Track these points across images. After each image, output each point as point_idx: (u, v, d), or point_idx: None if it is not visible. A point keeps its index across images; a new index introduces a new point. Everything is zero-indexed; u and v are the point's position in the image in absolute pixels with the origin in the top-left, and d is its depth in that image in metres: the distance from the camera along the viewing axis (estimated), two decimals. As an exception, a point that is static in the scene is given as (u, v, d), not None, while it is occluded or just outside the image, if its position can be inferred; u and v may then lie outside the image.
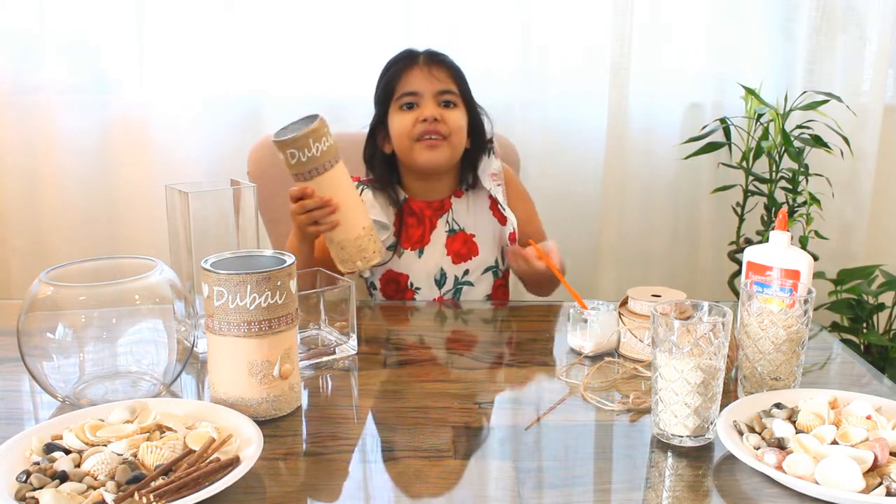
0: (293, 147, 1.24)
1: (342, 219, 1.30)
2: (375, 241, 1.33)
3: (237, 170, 1.89)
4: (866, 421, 0.87)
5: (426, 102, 1.47)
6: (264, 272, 0.91)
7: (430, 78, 1.48)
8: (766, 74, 2.11)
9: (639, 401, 1.00)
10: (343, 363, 1.15)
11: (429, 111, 1.46)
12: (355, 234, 1.30)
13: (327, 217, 1.29)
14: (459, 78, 1.52)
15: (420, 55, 1.51)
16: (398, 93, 1.49)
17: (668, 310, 0.92)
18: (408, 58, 1.51)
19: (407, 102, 1.48)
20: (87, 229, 2.12)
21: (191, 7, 2.00)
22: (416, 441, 0.91)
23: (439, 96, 1.48)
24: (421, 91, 1.48)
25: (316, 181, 1.27)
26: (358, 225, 1.31)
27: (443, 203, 1.55)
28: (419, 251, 1.53)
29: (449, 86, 1.49)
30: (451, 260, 1.53)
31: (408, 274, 1.53)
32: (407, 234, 1.54)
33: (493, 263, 1.56)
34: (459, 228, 1.54)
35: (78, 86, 2.05)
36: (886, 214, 2.26)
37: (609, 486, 0.82)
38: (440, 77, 1.49)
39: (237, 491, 0.79)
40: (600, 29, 2.09)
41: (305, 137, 1.23)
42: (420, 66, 1.49)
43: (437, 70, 1.49)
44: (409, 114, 1.48)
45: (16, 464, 0.80)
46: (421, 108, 1.47)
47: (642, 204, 2.22)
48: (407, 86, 1.48)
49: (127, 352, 0.99)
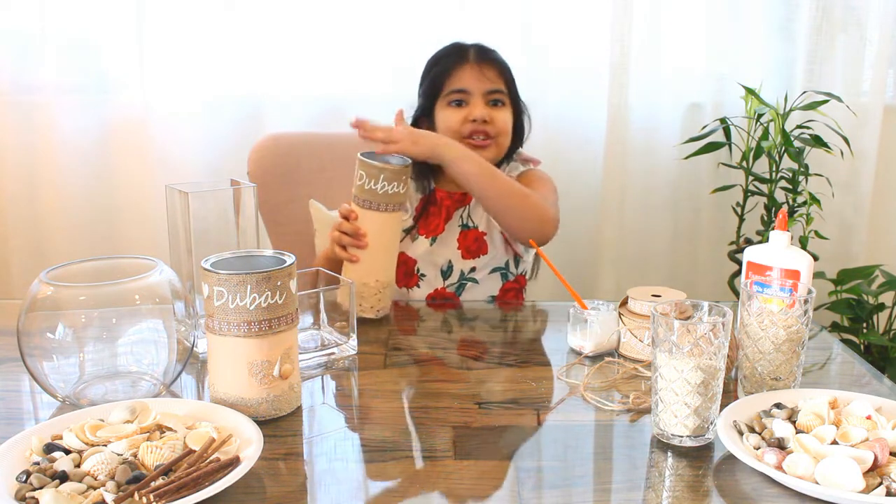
0: (365, 170, 1.28)
1: (364, 259, 1.31)
2: (379, 300, 1.32)
3: (237, 170, 1.90)
4: (866, 421, 0.87)
5: (476, 101, 1.48)
6: (264, 272, 0.91)
7: (480, 77, 1.48)
8: (766, 74, 2.11)
9: (639, 401, 1.00)
10: (343, 363, 1.15)
11: (478, 112, 1.46)
12: (364, 280, 1.30)
13: (352, 248, 1.31)
14: (508, 76, 1.52)
15: (470, 51, 1.50)
16: (447, 88, 1.49)
17: (668, 310, 0.92)
18: (458, 53, 1.50)
19: (456, 100, 1.48)
20: (87, 229, 2.12)
21: (191, 7, 2.00)
22: (416, 441, 0.91)
23: (489, 95, 1.49)
24: (471, 89, 1.48)
25: (366, 213, 1.30)
26: (373, 275, 1.31)
27: (464, 196, 1.55)
28: (432, 239, 1.54)
29: (499, 85, 1.50)
30: (461, 254, 1.53)
31: (416, 259, 1.54)
32: (426, 220, 1.54)
33: (503, 266, 1.56)
34: (473, 225, 1.54)
35: (78, 86, 2.06)
36: (886, 214, 2.26)
37: (609, 486, 0.82)
38: (490, 76, 1.49)
39: (237, 491, 0.79)
40: (600, 29, 2.09)
41: (380, 170, 1.27)
42: (471, 64, 1.49)
43: (487, 68, 1.49)
44: (457, 111, 1.48)
45: (16, 464, 0.80)
46: (470, 106, 1.48)
47: (642, 204, 2.22)
48: (457, 83, 1.48)
49: (127, 352, 0.99)
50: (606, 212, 2.19)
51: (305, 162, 1.81)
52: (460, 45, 1.52)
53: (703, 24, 2.12)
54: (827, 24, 2.10)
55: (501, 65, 1.51)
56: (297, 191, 1.79)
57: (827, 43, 2.11)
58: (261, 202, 1.70)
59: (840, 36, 2.12)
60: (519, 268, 1.58)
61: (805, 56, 2.12)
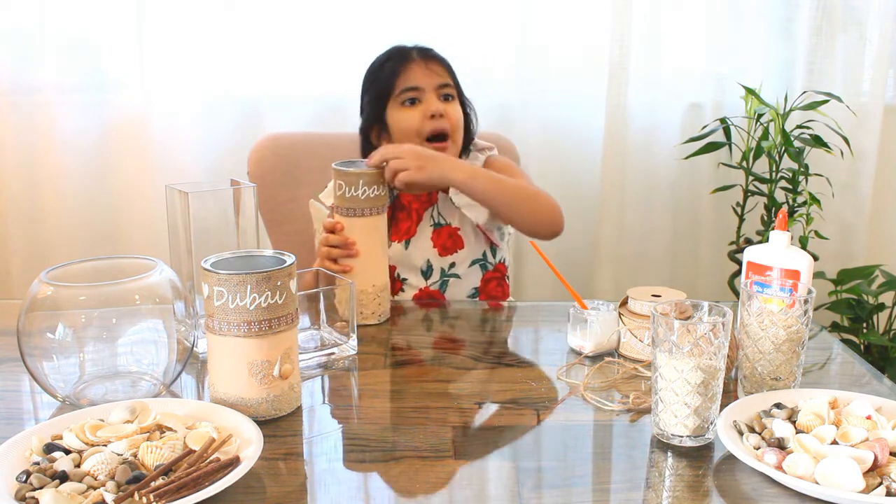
0: (343, 179, 1.28)
1: (357, 267, 1.30)
2: (379, 304, 1.32)
3: (237, 170, 1.89)
4: (866, 421, 0.87)
5: (429, 96, 1.48)
6: (264, 272, 0.91)
7: (428, 72, 1.49)
8: (766, 74, 2.12)
9: (639, 401, 1.00)
10: (343, 363, 1.15)
11: (434, 106, 1.47)
12: (361, 287, 1.30)
13: (344, 258, 1.31)
14: (452, 71, 1.54)
15: (411, 50, 1.52)
16: (398, 89, 1.49)
17: (668, 310, 0.92)
18: (401, 54, 1.52)
19: (409, 98, 1.49)
20: (87, 229, 2.12)
21: (191, 7, 2.00)
22: (416, 441, 0.91)
23: (440, 90, 1.50)
24: (422, 85, 1.48)
25: (351, 221, 1.30)
26: (369, 281, 1.30)
27: (430, 196, 1.55)
28: (405, 242, 1.54)
29: (447, 79, 1.51)
30: (438, 252, 1.54)
31: (395, 265, 1.54)
32: (396, 226, 1.55)
33: (481, 256, 1.56)
34: (446, 223, 1.55)
35: (78, 86, 2.06)
36: (886, 214, 2.26)
37: (609, 486, 0.82)
38: (438, 71, 1.51)
39: (237, 491, 0.79)
40: (599, 29, 2.09)
41: (358, 176, 1.27)
42: (417, 62, 1.50)
43: (433, 64, 1.51)
44: (413, 110, 1.48)
45: (16, 464, 0.80)
46: (425, 102, 1.48)
47: (642, 204, 2.22)
48: (407, 81, 1.49)
49: (127, 352, 0.99)
50: (606, 212, 2.19)
51: (305, 162, 1.81)
52: (401, 47, 1.53)
53: (703, 24, 2.12)
54: (827, 24, 2.10)
55: (444, 61, 1.53)
56: (297, 191, 1.79)
57: (827, 43, 2.12)
58: (261, 202, 1.70)
59: (840, 36, 2.12)
60: (497, 256, 1.58)
61: (805, 56, 2.12)
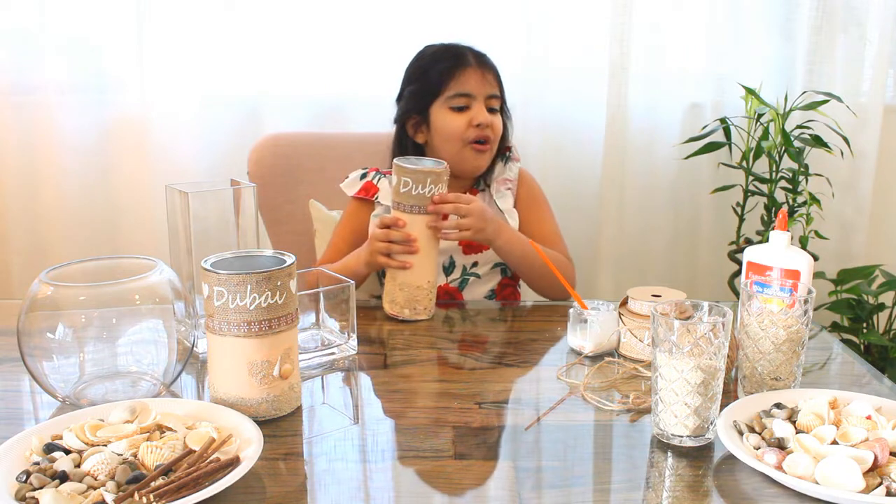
0: (411, 177, 1.29)
1: (415, 263, 1.31)
2: (431, 300, 1.34)
3: (237, 170, 1.90)
4: (866, 421, 0.87)
5: (478, 105, 1.48)
6: (264, 272, 0.91)
7: (482, 80, 1.49)
8: (766, 74, 2.12)
9: (639, 401, 1.00)
10: (343, 363, 1.15)
11: (483, 117, 1.48)
12: (418, 283, 1.31)
13: (404, 255, 1.31)
14: (500, 81, 1.53)
15: (468, 54, 1.51)
16: (450, 91, 1.48)
17: (668, 310, 0.92)
18: (457, 55, 1.50)
19: (459, 105, 1.48)
20: (87, 229, 2.12)
21: (191, 7, 2.00)
22: (416, 441, 0.91)
23: (489, 101, 1.50)
24: (475, 93, 1.48)
25: (413, 218, 1.31)
26: (425, 277, 1.32)
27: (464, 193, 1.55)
28: None
29: (496, 89, 1.51)
30: (462, 250, 1.54)
31: None
32: None
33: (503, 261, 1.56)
34: None
35: (78, 86, 2.05)
36: (886, 214, 2.26)
37: (609, 486, 0.82)
38: (490, 80, 1.50)
39: (237, 491, 0.79)
40: (600, 29, 2.09)
41: (426, 174, 1.28)
42: (473, 67, 1.49)
43: (487, 72, 1.50)
44: (460, 115, 1.48)
45: (16, 464, 0.80)
46: (473, 110, 1.48)
47: (642, 204, 2.22)
48: (460, 86, 1.48)
49: (127, 352, 0.99)
50: (606, 212, 2.19)
51: (305, 162, 1.81)
52: (458, 47, 1.52)
53: (703, 24, 2.12)
54: (827, 24, 2.10)
55: (495, 69, 1.53)
56: (297, 191, 1.79)
57: (827, 43, 2.11)
58: (261, 202, 1.70)
59: (840, 36, 2.12)
60: None
61: (805, 56, 2.12)
